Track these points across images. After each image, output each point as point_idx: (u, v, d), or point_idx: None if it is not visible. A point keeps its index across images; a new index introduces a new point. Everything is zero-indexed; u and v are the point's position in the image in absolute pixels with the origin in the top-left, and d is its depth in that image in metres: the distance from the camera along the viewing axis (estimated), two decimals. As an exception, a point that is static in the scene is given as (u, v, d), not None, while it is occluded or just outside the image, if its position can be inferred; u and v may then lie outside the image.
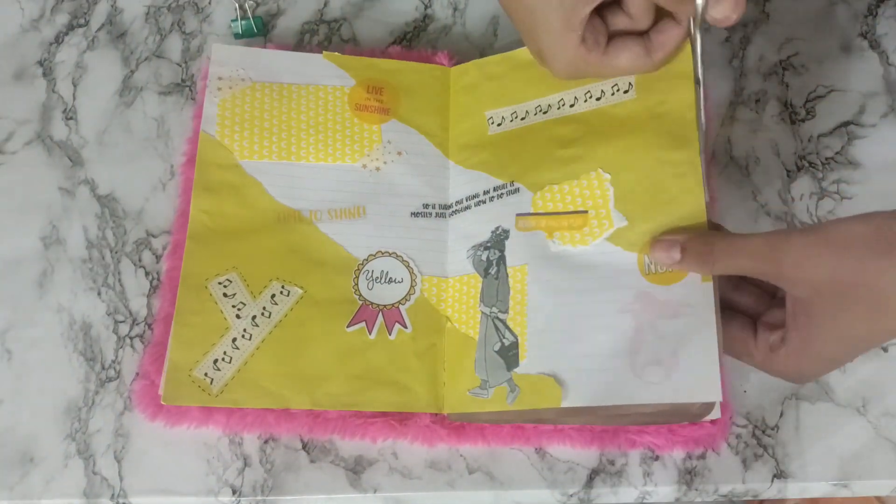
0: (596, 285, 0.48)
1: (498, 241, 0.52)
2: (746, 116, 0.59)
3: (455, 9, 0.63)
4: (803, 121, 0.59)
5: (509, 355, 0.49)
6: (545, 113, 0.54)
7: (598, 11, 0.44)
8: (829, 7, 0.62)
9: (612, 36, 0.45)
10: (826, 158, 0.58)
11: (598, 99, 0.52)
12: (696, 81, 0.43)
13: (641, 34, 0.45)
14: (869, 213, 0.38)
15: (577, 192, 0.51)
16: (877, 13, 0.62)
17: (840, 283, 0.37)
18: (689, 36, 0.43)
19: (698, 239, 0.44)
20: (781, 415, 0.51)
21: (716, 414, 0.47)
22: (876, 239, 0.37)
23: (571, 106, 0.53)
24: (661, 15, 0.46)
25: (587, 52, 0.44)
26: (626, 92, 0.52)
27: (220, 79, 0.56)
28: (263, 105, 0.56)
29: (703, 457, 0.50)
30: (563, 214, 0.51)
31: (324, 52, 0.58)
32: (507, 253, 0.51)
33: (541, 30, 0.44)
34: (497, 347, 0.50)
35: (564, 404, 0.47)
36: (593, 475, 0.50)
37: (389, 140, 0.56)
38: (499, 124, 0.55)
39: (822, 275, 0.37)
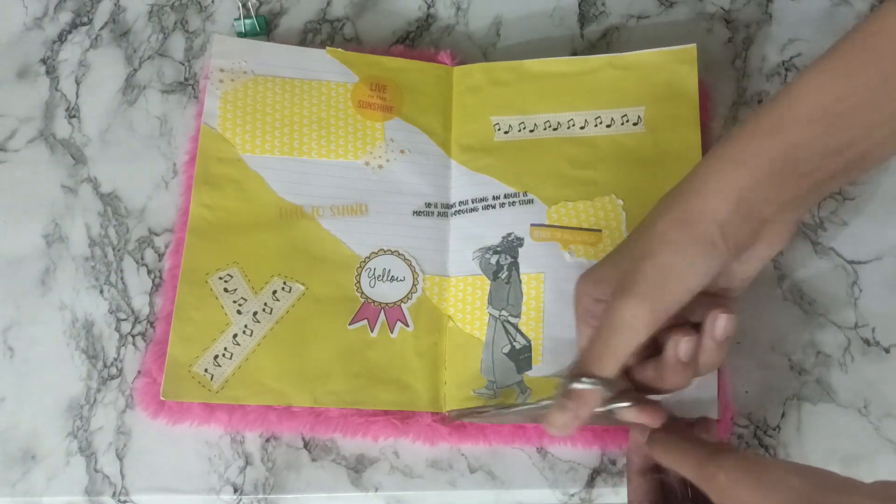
0: None
1: (510, 246, 0.53)
2: (749, 117, 0.59)
3: (458, 8, 0.63)
4: (806, 121, 0.58)
5: (521, 358, 0.50)
6: (555, 130, 0.55)
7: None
8: (831, 8, 0.62)
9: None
10: (828, 159, 0.57)
11: (608, 126, 0.54)
12: None
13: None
14: (803, 465, 0.37)
15: (591, 211, 0.53)
16: (879, 14, 0.61)
17: None
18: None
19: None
20: (783, 415, 0.51)
21: (714, 414, 0.47)
22: (808, 496, 0.35)
23: (581, 128, 0.55)
24: None
25: None
26: (635, 125, 0.54)
27: (221, 70, 0.56)
28: (266, 99, 0.56)
29: (704, 457, 0.50)
30: (578, 230, 0.52)
31: (327, 48, 0.58)
32: (520, 260, 0.52)
33: None
34: (507, 350, 0.50)
35: None
36: (595, 475, 0.50)
37: (392, 138, 0.56)
38: (506, 132, 0.56)
39: None
